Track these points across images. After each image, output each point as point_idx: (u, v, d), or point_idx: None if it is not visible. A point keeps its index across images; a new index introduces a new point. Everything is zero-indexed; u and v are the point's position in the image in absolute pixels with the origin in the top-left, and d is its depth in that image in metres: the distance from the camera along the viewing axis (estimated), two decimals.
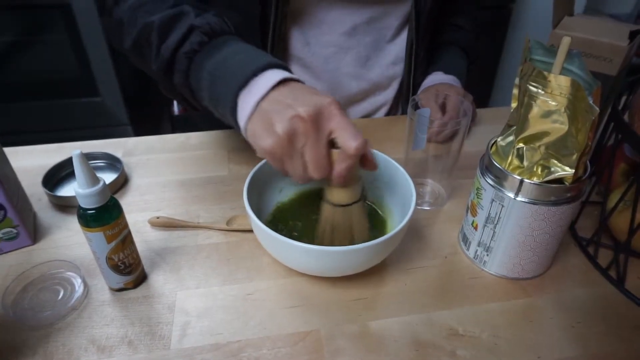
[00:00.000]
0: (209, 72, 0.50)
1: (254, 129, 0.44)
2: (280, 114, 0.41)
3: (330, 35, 0.76)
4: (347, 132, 0.41)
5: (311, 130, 0.41)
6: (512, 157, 0.47)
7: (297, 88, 0.45)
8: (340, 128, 0.41)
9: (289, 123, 0.41)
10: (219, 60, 0.50)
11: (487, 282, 0.52)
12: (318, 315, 0.48)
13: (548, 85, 0.42)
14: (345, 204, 0.47)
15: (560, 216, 0.46)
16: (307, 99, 0.42)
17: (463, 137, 0.59)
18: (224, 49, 0.52)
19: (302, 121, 0.41)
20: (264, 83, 0.45)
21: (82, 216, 0.44)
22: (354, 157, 0.42)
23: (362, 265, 0.49)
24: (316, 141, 0.41)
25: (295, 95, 0.43)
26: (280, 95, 0.44)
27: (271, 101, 0.44)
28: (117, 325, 0.47)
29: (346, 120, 0.42)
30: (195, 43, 0.52)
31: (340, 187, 0.46)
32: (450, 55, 0.84)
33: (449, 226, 0.60)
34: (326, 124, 0.42)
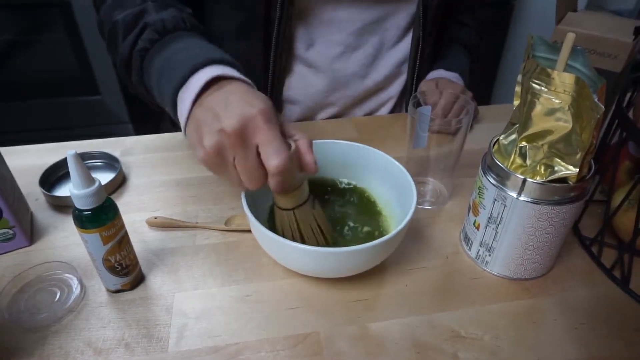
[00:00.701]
0: (156, 69, 0.50)
1: (190, 137, 0.43)
2: (208, 126, 0.40)
3: (339, 35, 0.75)
4: (269, 149, 0.40)
5: (237, 145, 0.40)
6: (515, 155, 0.46)
7: (232, 91, 0.43)
8: (264, 143, 0.40)
9: (215, 138, 0.40)
10: (165, 57, 0.50)
11: (489, 282, 0.51)
12: (317, 316, 0.47)
13: (552, 83, 0.41)
14: (289, 208, 0.47)
15: (563, 216, 0.45)
16: (236, 109, 0.40)
17: (465, 135, 0.58)
18: (172, 46, 0.51)
19: (227, 136, 0.39)
20: (197, 81, 0.44)
21: (77, 217, 0.43)
22: (278, 174, 0.41)
23: (361, 266, 0.48)
24: (244, 155, 0.40)
25: (226, 101, 0.42)
26: (212, 100, 0.43)
27: (203, 107, 0.43)
28: (114, 327, 0.46)
29: (271, 134, 0.40)
30: (147, 40, 0.52)
31: (281, 194, 0.45)
32: (453, 52, 0.83)
33: (451, 225, 0.59)
34: (252, 138, 0.40)
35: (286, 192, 0.45)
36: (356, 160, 0.59)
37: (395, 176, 0.55)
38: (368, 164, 0.58)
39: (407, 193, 0.52)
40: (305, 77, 0.78)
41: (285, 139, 0.43)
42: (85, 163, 0.66)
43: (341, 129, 0.79)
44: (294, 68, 0.77)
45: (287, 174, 0.41)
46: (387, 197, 0.58)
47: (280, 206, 0.47)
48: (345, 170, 0.61)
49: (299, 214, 0.48)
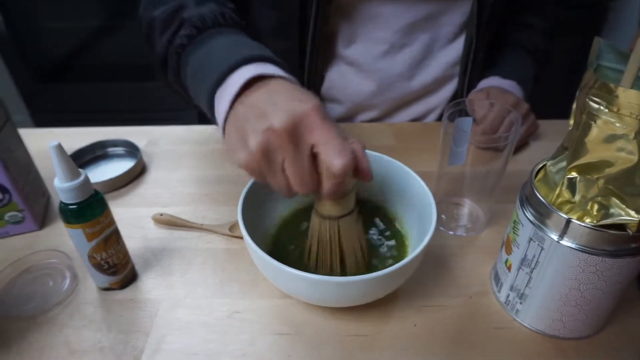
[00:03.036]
0: (192, 67, 0.46)
1: (229, 139, 0.39)
2: (254, 124, 0.35)
3: (383, 32, 0.68)
4: (330, 148, 0.34)
5: (288, 145, 0.34)
6: (562, 188, 0.37)
7: (277, 88, 0.38)
8: (323, 142, 0.35)
9: (262, 137, 0.35)
10: (202, 54, 0.46)
11: (517, 335, 0.43)
12: (305, 347, 0.42)
13: (614, 102, 0.32)
14: (335, 217, 0.41)
15: (618, 271, 0.36)
16: (285, 105, 0.35)
17: (509, 154, 0.49)
18: (210, 43, 0.47)
19: (276, 135, 0.34)
20: (237, 80, 0.39)
21: (61, 210, 0.41)
22: (340, 176, 0.35)
23: (361, 298, 0.42)
24: (295, 156, 0.35)
25: (273, 98, 0.37)
26: (257, 97, 0.38)
27: (246, 105, 0.38)
28: (94, 328, 0.44)
29: (330, 132, 0.35)
30: (184, 37, 0.48)
31: (330, 200, 0.39)
32: (513, 58, 0.72)
33: (482, 259, 0.50)
34: (306, 137, 0.35)
35: (338, 198, 0.40)
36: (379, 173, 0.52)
37: (416, 193, 0.48)
38: (388, 177, 0.52)
39: (427, 215, 0.45)
40: (346, 75, 0.72)
41: None
42: (106, 151, 0.66)
43: (377, 134, 0.72)
44: (334, 66, 0.72)
45: (346, 177, 0.36)
46: (407, 217, 0.51)
47: (323, 213, 0.42)
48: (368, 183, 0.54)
49: (342, 225, 0.42)
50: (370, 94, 0.73)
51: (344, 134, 0.39)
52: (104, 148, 0.67)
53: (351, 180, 0.40)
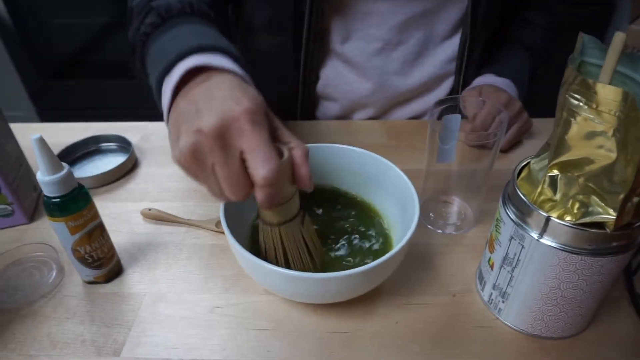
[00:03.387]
0: (150, 55, 0.46)
1: (169, 133, 0.38)
2: (187, 123, 0.34)
3: (378, 29, 0.68)
4: (256, 157, 0.33)
5: (216, 149, 0.33)
6: (543, 186, 0.37)
7: (219, 84, 0.37)
8: (249, 150, 0.33)
9: (192, 138, 0.33)
10: (160, 42, 0.45)
11: (499, 334, 0.42)
12: (285, 344, 0.42)
13: (593, 98, 0.31)
14: (275, 224, 0.40)
15: (598, 270, 0.35)
16: (218, 105, 0.34)
17: (495, 153, 0.48)
18: (170, 32, 0.46)
19: (205, 137, 0.33)
20: (180, 69, 0.39)
21: (45, 204, 0.42)
22: (265, 186, 0.34)
23: (341, 295, 0.42)
24: (224, 161, 0.34)
25: (209, 96, 0.35)
26: (197, 93, 0.37)
27: (186, 100, 0.37)
28: (77, 321, 0.44)
29: (257, 139, 0.33)
30: (149, 25, 0.48)
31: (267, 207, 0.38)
32: (510, 55, 0.71)
33: (468, 257, 0.50)
34: (235, 142, 0.33)
35: (273, 206, 0.38)
36: (360, 168, 0.52)
37: (400, 190, 0.47)
38: (373, 174, 0.51)
39: (410, 211, 0.44)
40: (341, 73, 0.72)
41: (278, 144, 0.37)
42: (99, 146, 0.66)
43: (370, 132, 0.71)
44: (328, 63, 0.71)
45: (276, 187, 0.35)
46: (392, 214, 0.50)
47: (265, 220, 0.41)
48: (348, 178, 0.54)
49: (285, 231, 0.41)
50: (366, 91, 0.72)
51: (288, 138, 0.38)
52: (97, 143, 0.68)
53: (289, 187, 0.38)
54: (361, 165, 0.52)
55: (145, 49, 0.50)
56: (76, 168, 0.65)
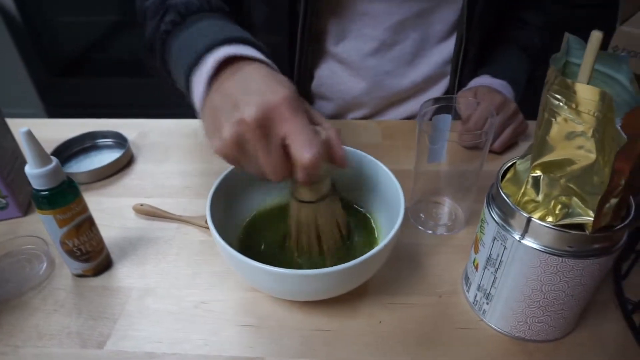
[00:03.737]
0: (174, 51, 0.46)
1: (205, 124, 0.39)
2: (227, 114, 0.36)
3: (374, 29, 0.68)
4: (299, 140, 0.35)
5: (259, 137, 0.35)
6: (526, 186, 0.36)
7: (252, 75, 0.38)
8: (292, 134, 0.35)
9: (235, 128, 0.35)
10: (182, 38, 0.46)
11: (483, 336, 0.42)
12: (267, 341, 0.42)
13: (573, 98, 0.31)
14: (310, 201, 0.42)
15: (580, 272, 0.35)
16: (257, 95, 0.35)
17: (485, 154, 0.48)
18: (193, 27, 0.47)
19: (247, 127, 0.35)
20: (211, 61, 0.40)
21: (34, 197, 0.42)
22: (309, 168, 0.36)
23: (325, 292, 0.42)
24: (267, 148, 0.36)
25: (246, 86, 0.37)
26: (230, 84, 0.38)
27: (220, 93, 0.38)
28: (65, 312, 0.45)
29: (299, 124, 0.35)
30: (169, 23, 0.48)
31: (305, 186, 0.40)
32: (506, 56, 0.71)
33: (457, 258, 0.50)
34: (277, 129, 0.35)
35: (312, 183, 0.40)
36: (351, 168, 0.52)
37: (387, 189, 0.47)
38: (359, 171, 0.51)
39: (396, 208, 0.44)
40: (336, 73, 0.72)
41: (313, 126, 0.39)
42: (96, 142, 0.67)
43: (365, 132, 0.71)
44: (323, 63, 0.72)
45: (318, 168, 0.37)
46: (379, 212, 0.50)
47: (300, 198, 0.43)
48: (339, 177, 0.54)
49: (318, 208, 0.43)
50: (360, 92, 0.72)
51: (319, 119, 0.40)
52: (93, 139, 0.68)
53: (325, 166, 0.40)
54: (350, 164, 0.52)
55: (167, 46, 0.51)
56: (73, 163, 0.66)
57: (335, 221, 0.45)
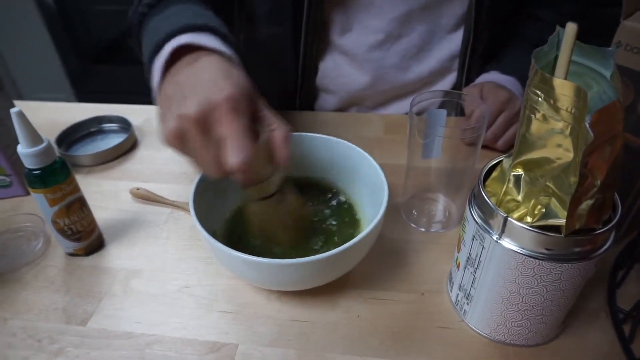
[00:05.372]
0: (144, 36, 0.47)
1: (158, 111, 0.39)
2: (172, 106, 0.36)
3: (379, 21, 0.67)
4: (230, 145, 0.34)
5: (197, 133, 0.35)
6: (508, 185, 0.35)
7: (205, 66, 0.38)
8: (226, 137, 0.34)
9: (176, 122, 0.35)
10: (152, 23, 0.47)
11: (461, 337, 0.41)
12: (243, 328, 0.42)
13: (551, 94, 0.29)
14: (254, 200, 0.42)
15: (558, 277, 0.33)
16: (201, 92, 0.35)
17: (478, 150, 0.47)
18: (164, 12, 0.47)
19: (187, 122, 0.35)
20: (168, 48, 0.40)
21: (26, 175, 0.44)
22: (236, 173, 0.35)
23: (302, 282, 0.42)
24: (204, 145, 0.35)
25: (194, 81, 0.37)
26: (183, 77, 0.38)
27: (174, 83, 0.38)
28: (54, 289, 0.47)
29: (234, 127, 0.34)
30: (145, 5, 0.49)
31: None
32: (515, 52, 0.68)
33: (446, 257, 0.49)
34: (215, 128, 0.35)
35: (251, 185, 0.40)
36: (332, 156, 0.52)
37: (373, 180, 0.47)
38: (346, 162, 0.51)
39: (379, 202, 0.43)
40: (340, 65, 0.71)
41: (258, 126, 0.39)
42: (102, 126, 0.69)
43: (368, 125, 0.70)
44: (327, 55, 0.71)
45: (247, 173, 0.36)
46: (365, 203, 0.50)
47: (246, 197, 0.44)
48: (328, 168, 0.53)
49: (264, 206, 0.43)
50: (364, 84, 0.71)
51: (270, 118, 0.39)
52: (99, 124, 0.70)
53: (266, 167, 0.40)
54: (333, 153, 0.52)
55: (142, 29, 0.51)
56: (79, 146, 0.68)
57: (288, 218, 0.45)
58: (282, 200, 0.44)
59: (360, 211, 0.51)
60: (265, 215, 0.44)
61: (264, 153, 0.38)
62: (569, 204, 0.28)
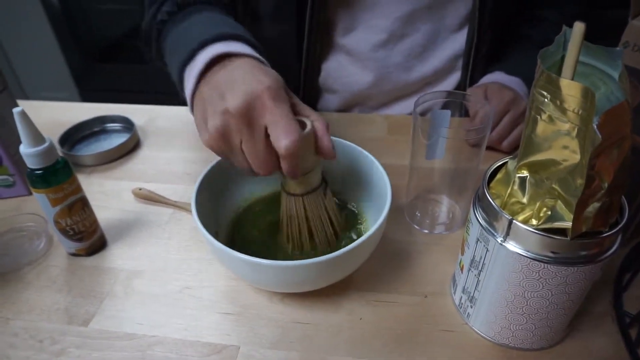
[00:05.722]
0: (169, 43, 0.47)
1: (195, 117, 0.40)
2: (213, 105, 0.37)
3: (383, 20, 0.66)
4: (278, 129, 0.35)
5: (243, 127, 0.36)
6: (513, 187, 0.35)
7: (238, 67, 0.39)
8: (272, 123, 0.35)
9: (220, 120, 0.36)
10: (178, 31, 0.47)
11: (465, 340, 0.41)
12: (245, 329, 0.42)
13: (558, 95, 0.29)
14: (299, 194, 0.42)
15: (563, 280, 0.33)
16: (241, 87, 0.36)
17: (482, 151, 0.46)
18: (187, 20, 0.48)
19: (232, 117, 0.35)
20: (204, 57, 0.41)
21: (28, 175, 0.44)
22: (288, 156, 0.36)
23: (304, 284, 0.41)
24: (251, 138, 0.36)
25: (232, 79, 0.37)
26: (219, 77, 0.39)
27: (209, 85, 0.39)
28: (56, 289, 0.46)
29: (279, 112, 0.35)
30: (165, 13, 0.49)
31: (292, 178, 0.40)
32: (520, 52, 0.68)
33: (449, 259, 0.48)
34: (259, 118, 0.36)
35: (299, 175, 0.40)
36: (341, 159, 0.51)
37: (376, 181, 0.47)
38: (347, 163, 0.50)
39: (382, 204, 0.43)
40: (343, 65, 0.71)
41: (300, 118, 0.39)
42: (105, 126, 0.69)
43: (370, 125, 0.70)
44: (331, 55, 0.71)
45: (298, 158, 0.37)
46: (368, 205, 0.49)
47: (288, 191, 0.43)
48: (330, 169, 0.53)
49: (308, 201, 0.43)
50: (367, 84, 0.71)
51: (307, 112, 0.40)
52: (102, 123, 0.70)
53: (313, 158, 0.40)
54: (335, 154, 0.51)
55: (162, 36, 0.52)
56: (82, 146, 0.68)
57: (327, 215, 0.45)
58: (325, 196, 0.44)
59: (363, 212, 0.51)
60: (309, 211, 0.43)
61: (309, 143, 0.39)
62: (575, 206, 0.28)
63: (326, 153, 0.40)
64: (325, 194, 0.44)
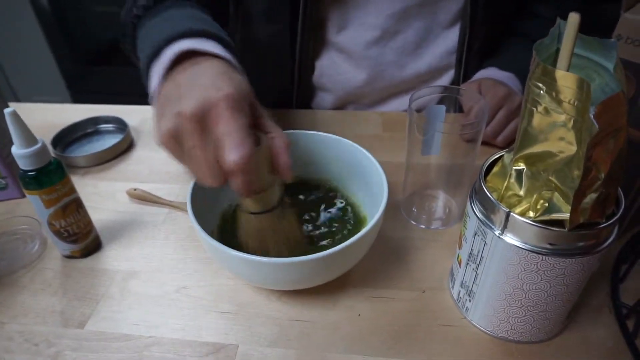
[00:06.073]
0: (140, 38, 0.46)
1: (154, 114, 0.38)
2: (170, 106, 0.35)
3: (376, 17, 0.66)
4: (228, 142, 0.33)
5: (195, 132, 0.33)
6: (510, 180, 0.35)
7: (205, 69, 0.37)
8: (223, 134, 0.33)
9: (172, 121, 0.34)
10: (150, 26, 0.46)
11: (464, 334, 0.41)
12: (243, 328, 0.42)
13: (553, 86, 0.29)
14: (252, 212, 0.39)
15: (561, 272, 0.33)
16: (200, 91, 0.34)
17: (478, 146, 0.46)
18: (160, 15, 0.47)
19: (184, 120, 0.33)
20: (169, 54, 0.39)
21: (20, 177, 0.43)
22: (236, 172, 0.33)
23: (301, 281, 0.41)
24: (201, 145, 0.34)
25: (193, 80, 0.36)
26: (182, 77, 0.37)
27: (171, 84, 0.38)
28: (51, 292, 0.46)
29: (233, 125, 0.33)
30: (140, 7, 0.49)
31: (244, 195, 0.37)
32: (515, 48, 0.68)
33: (447, 254, 0.48)
34: (213, 127, 0.34)
35: (251, 194, 0.38)
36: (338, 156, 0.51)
37: (372, 177, 0.46)
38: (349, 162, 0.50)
39: (379, 200, 0.43)
40: (337, 63, 0.71)
41: (258, 132, 0.37)
42: (98, 127, 0.68)
43: (365, 122, 0.70)
44: (324, 53, 0.70)
45: (249, 174, 0.34)
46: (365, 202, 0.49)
47: (243, 208, 0.40)
48: (327, 166, 0.53)
49: (262, 221, 0.40)
50: (361, 82, 0.71)
51: (270, 127, 0.38)
52: (95, 124, 0.69)
53: (267, 176, 0.38)
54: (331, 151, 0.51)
55: (136, 31, 0.51)
56: (75, 147, 0.67)
57: (285, 236, 0.42)
58: (282, 217, 0.41)
59: (360, 209, 0.50)
60: (262, 232, 0.41)
61: (263, 161, 0.37)
62: (573, 197, 0.28)
63: (282, 172, 0.38)
64: (283, 215, 0.41)
